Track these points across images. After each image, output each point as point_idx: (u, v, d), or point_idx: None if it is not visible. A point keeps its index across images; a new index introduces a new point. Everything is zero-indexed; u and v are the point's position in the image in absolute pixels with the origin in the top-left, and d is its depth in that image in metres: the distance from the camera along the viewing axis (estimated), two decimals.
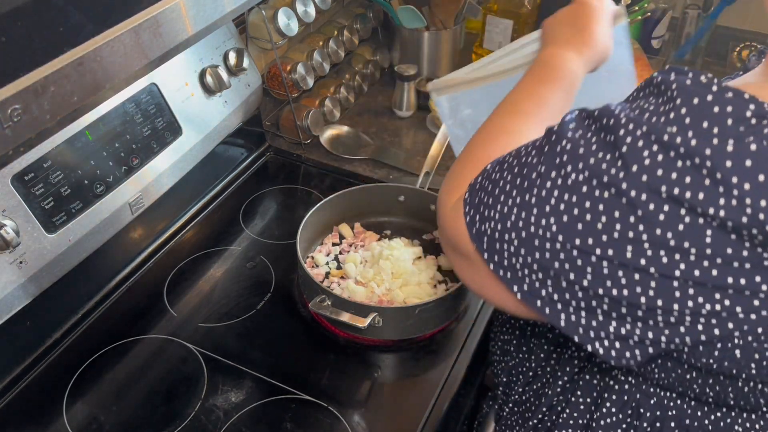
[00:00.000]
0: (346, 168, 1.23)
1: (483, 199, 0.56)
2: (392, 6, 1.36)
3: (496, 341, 0.83)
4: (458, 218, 0.59)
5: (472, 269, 0.60)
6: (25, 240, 0.80)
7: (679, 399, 0.63)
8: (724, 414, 0.62)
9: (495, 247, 0.55)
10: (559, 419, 0.72)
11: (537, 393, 0.76)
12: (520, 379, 0.78)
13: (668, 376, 0.60)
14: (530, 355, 0.77)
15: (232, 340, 0.91)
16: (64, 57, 0.48)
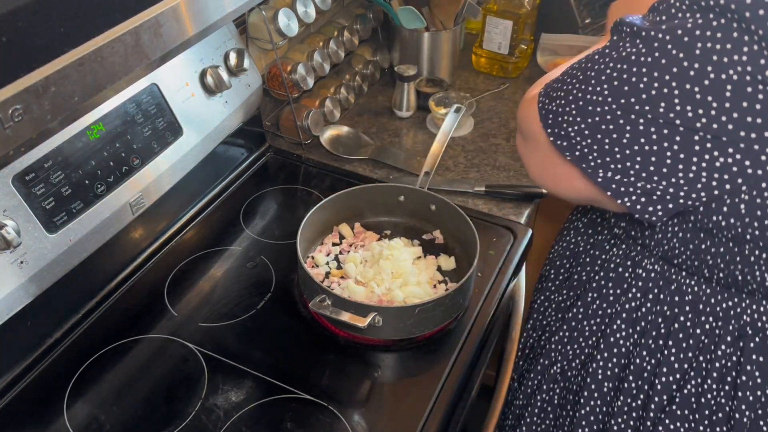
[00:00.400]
0: (346, 168, 1.24)
1: (554, 86, 0.68)
2: (392, 6, 1.37)
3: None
4: (532, 105, 0.70)
5: (536, 149, 0.71)
6: (26, 240, 0.80)
7: (695, 283, 0.72)
8: (735, 301, 0.70)
9: (557, 120, 0.66)
10: (589, 310, 0.83)
11: (571, 284, 0.89)
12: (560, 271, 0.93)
13: (686, 248, 0.69)
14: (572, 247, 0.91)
15: (233, 340, 0.91)
16: (64, 57, 0.48)
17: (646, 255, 0.76)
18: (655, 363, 0.77)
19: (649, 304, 0.76)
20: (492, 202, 1.16)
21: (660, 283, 0.75)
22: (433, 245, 1.05)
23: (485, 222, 1.09)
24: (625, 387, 0.79)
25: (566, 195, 0.72)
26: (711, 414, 0.74)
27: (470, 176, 1.22)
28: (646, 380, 0.77)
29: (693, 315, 0.73)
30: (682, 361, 0.75)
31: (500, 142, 1.31)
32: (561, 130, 0.65)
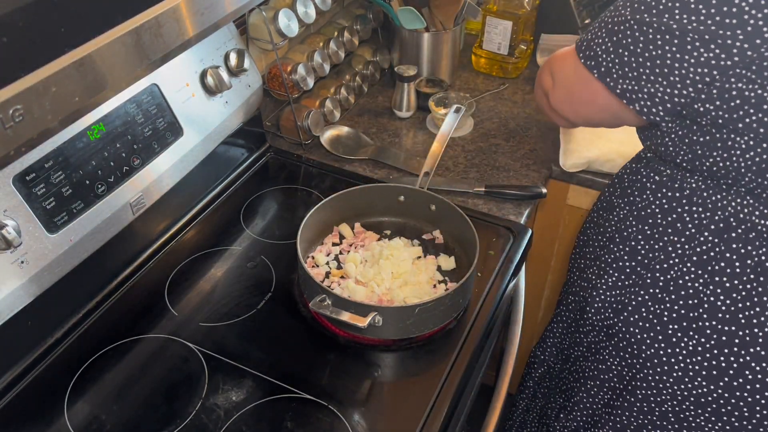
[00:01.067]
0: (346, 168, 1.24)
1: (593, 25, 0.81)
2: (392, 7, 1.37)
3: None
4: (570, 52, 0.84)
5: (568, 87, 0.85)
6: (27, 240, 0.81)
7: (693, 180, 0.83)
8: (722, 195, 0.80)
9: (590, 45, 0.80)
10: (612, 214, 0.96)
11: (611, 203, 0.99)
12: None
13: (683, 143, 0.81)
14: None
15: (233, 340, 0.91)
16: (65, 57, 0.48)
17: (661, 163, 0.88)
18: (655, 250, 0.88)
19: (658, 201, 0.88)
20: (492, 202, 1.16)
21: (668, 183, 0.87)
22: (433, 245, 1.05)
23: (485, 222, 1.10)
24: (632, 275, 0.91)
25: (594, 117, 0.86)
26: (688, 297, 0.84)
27: (470, 176, 1.22)
28: (647, 266, 0.89)
29: (687, 206, 0.84)
30: (668, 246, 0.86)
31: (500, 142, 1.31)
32: (591, 52, 0.80)
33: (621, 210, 0.94)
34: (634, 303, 0.89)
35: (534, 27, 1.54)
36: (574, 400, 1.03)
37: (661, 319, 0.87)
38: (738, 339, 0.81)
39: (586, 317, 0.98)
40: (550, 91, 0.89)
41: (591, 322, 0.97)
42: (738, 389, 0.82)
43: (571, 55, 0.84)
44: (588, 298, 0.96)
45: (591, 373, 0.99)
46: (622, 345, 0.92)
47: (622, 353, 0.92)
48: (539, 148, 1.29)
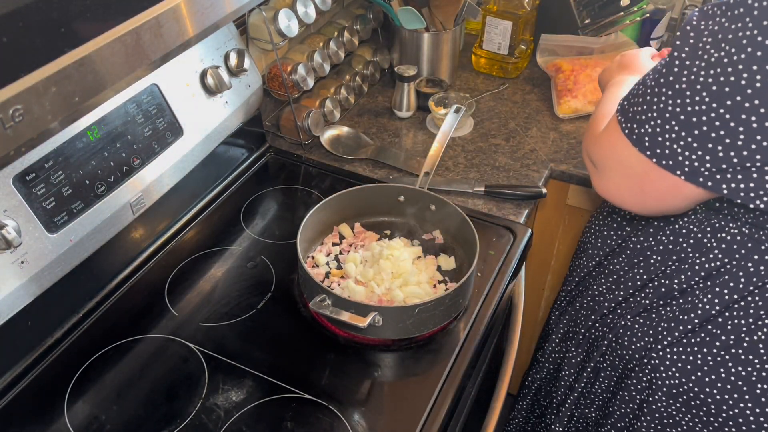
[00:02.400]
0: (346, 168, 1.24)
1: (636, 110, 0.70)
2: (392, 7, 1.37)
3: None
4: (610, 137, 0.73)
5: (628, 176, 0.73)
6: (27, 240, 0.81)
7: None
8: None
9: (657, 141, 0.68)
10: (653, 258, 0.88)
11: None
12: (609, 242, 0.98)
13: None
14: None
15: (233, 340, 0.91)
16: (65, 57, 0.48)
17: (729, 221, 0.78)
18: (734, 310, 0.79)
19: (731, 261, 0.78)
20: (492, 202, 1.16)
21: (748, 245, 0.77)
22: (433, 245, 1.05)
23: (485, 222, 1.10)
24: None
25: (675, 206, 0.74)
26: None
27: (470, 176, 1.22)
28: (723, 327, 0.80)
29: None
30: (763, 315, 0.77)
31: (500, 143, 1.31)
32: (664, 149, 0.67)
33: (675, 264, 0.85)
34: (711, 365, 0.81)
35: (534, 27, 1.54)
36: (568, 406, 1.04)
37: (740, 389, 0.79)
38: None
39: (616, 354, 0.92)
40: (594, 176, 0.79)
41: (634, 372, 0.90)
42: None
43: (624, 141, 0.71)
44: (627, 344, 0.89)
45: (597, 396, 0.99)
46: (692, 404, 0.85)
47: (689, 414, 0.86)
48: (539, 148, 1.29)
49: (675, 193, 0.71)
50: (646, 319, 0.88)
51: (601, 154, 0.76)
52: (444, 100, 1.35)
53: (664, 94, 0.67)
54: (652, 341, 0.86)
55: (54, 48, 0.48)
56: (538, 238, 1.29)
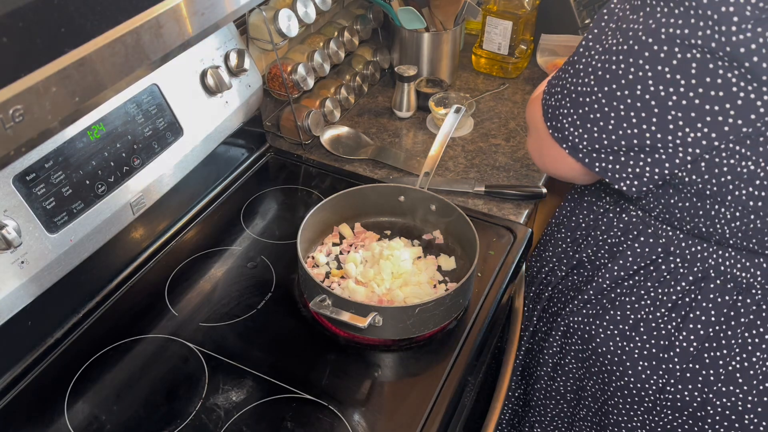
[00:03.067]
0: (346, 168, 1.24)
1: (553, 82, 0.75)
2: (392, 7, 1.37)
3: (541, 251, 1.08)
4: (536, 103, 0.78)
5: (537, 138, 0.79)
6: (27, 240, 0.81)
7: (670, 229, 0.80)
8: (703, 246, 0.78)
9: (555, 114, 0.74)
10: (580, 244, 0.94)
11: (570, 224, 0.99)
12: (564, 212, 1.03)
13: (658, 202, 0.77)
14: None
15: (233, 340, 0.91)
16: (65, 57, 0.48)
17: (631, 205, 0.86)
18: (624, 288, 0.87)
19: (625, 240, 0.86)
20: (492, 202, 1.16)
21: (639, 227, 0.84)
22: (433, 245, 1.05)
23: (485, 222, 1.10)
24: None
25: (565, 174, 0.80)
26: (663, 339, 0.84)
27: (470, 176, 1.22)
28: (614, 301, 0.88)
29: (664, 255, 0.82)
30: (640, 290, 0.85)
31: (500, 143, 1.31)
32: (557, 123, 0.74)
33: (585, 239, 0.93)
34: (603, 336, 0.89)
35: (534, 27, 1.54)
36: (545, 413, 1.07)
37: (631, 355, 0.87)
38: (702, 377, 0.82)
39: (557, 328, 0.99)
40: (528, 142, 0.86)
41: (561, 334, 0.98)
42: (701, 420, 0.84)
43: (539, 107, 0.78)
44: (559, 316, 0.97)
45: (559, 390, 1.02)
46: (596, 368, 0.93)
47: (596, 377, 0.94)
48: None
49: (562, 162, 0.76)
50: (565, 286, 0.96)
51: (528, 115, 0.82)
52: (444, 100, 1.35)
53: (568, 72, 0.72)
54: (562, 307, 0.96)
55: (54, 48, 0.48)
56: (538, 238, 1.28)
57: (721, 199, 0.70)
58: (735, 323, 0.79)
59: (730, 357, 0.81)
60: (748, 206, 0.69)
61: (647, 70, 0.63)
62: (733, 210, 0.70)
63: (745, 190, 0.67)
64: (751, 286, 0.78)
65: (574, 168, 0.76)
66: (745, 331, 0.79)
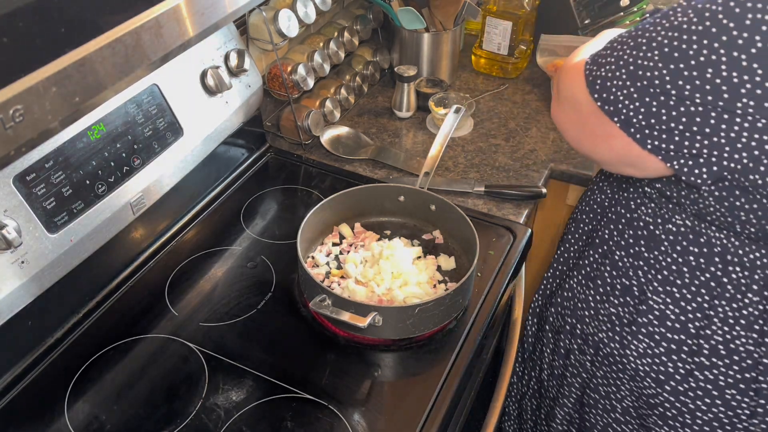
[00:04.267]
0: (346, 168, 1.24)
1: (603, 53, 0.72)
2: (392, 7, 1.37)
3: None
4: (577, 73, 0.74)
5: (575, 112, 0.76)
6: (27, 240, 0.81)
7: (724, 237, 0.76)
8: (762, 252, 0.74)
9: (605, 86, 0.70)
10: (621, 269, 0.88)
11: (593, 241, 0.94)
12: (584, 228, 0.98)
13: (720, 205, 0.72)
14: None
15: (233, 340, 0.91)
16: (65, 58, 0.48)
17: (677, 212, 0.80)
18: (688, 312, 0.81)
19: (677, 255, 0.80)
20: (492, 202, 1.16)
21: (690, 237, 0.79)
22: (433, 245, 1.05)
23: (485, 222, 1.10)
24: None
25: (603, 156, 0.76)
26: (740, 360, 0.79)
27: (470, 176, 1.22)
28: (686, 331, 0.82)
29: (722, 266, 0.77)
30: (707, 310, 0.79)
31: (500, 143, 1.31)
32: (609, 95, 0.70)
33: (629, 261, 0.86)
34: (683, 370, 0.83)
35: (534, 27, 1.54)
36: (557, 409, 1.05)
37: (717, 384, 0.81)
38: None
39: (596, 358, 0.93)
40: (553, 101, 0.81)
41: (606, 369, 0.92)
42: None
43: (581, 79, 0.74)
44: (607, 350, 0.91)
45: (570, 388, 1.00)
46: (671, 411, 0.87)
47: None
48: (539, 148, 1.29)
49: (606, 141, 0.73)
50: (611, 321, 0.89)
51: (564, 84, 0.78)
52: (444, 100, 1.35)
53: (627, 44, 0.69)
54: (619, 347, 0.88)
55: (54, 48, 0.48)
56: (538, 238, 1.28)
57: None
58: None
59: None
60: None
61: (722, 54, 0.60)
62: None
63: None
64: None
65: (615, 147, 0.72)
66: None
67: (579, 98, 0.74)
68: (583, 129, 0.76)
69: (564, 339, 0.98)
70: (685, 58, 0.63)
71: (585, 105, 0.73)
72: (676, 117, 0.65)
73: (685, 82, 0.63)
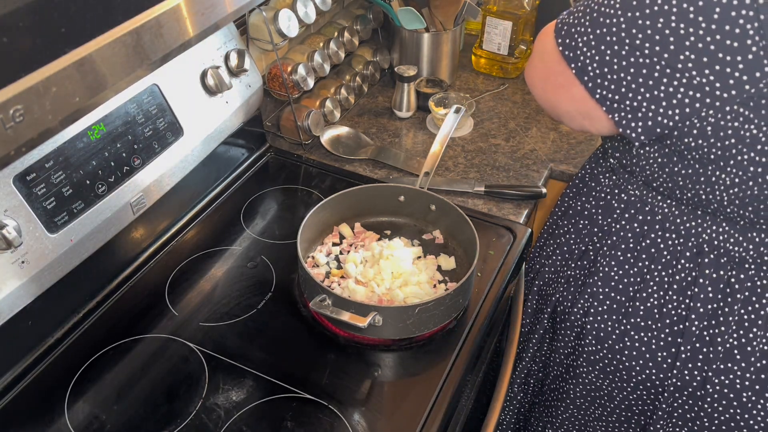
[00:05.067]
0: (346, 168, 1.24)
1: (575, 6, 0.73)
2: (392, 7, 1.37)
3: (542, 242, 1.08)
4: (550, 26, 0.76)
5: (542, 62, 0.77)
6: (27, 240, 0.81)
7: (666, 205, 0.81)
8: (698, 221, 0.79)
9: (569, 32, 0.71)
10: (579, 234, 0.94)
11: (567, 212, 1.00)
12: (564, 201, 1.02)
13: (662, 171, 0.77)
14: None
15: (233, 340, 0.91)
16: (65, 57, 0.48)
17: (631, 182, 0.85)
18: (630, 276, 0.87)
19: (624, 222, 0.86)
20: (492, 202, 1.16)
21: (638, 205, 0.84)
22: (433, 245, 1.05)
23: (485, 222, 1.10)
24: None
25: (564, 106, 0.77)
26: (672, 324, 0.84)
27: (470, 176, 1.22)
28: (627, 294, 0.88)
29: (661, 233, 0.83)
30: (645, 274, 0.85)
31: (500, 143, 1.31)
32: (571, 41, 0.71)
33: (586, 227, 0.93)
34: (618, 330, 0.89)
35: (534, 27, 1.54)
36: (556, 414, 1.05)
37: (649, 346, 0.87)
38: (702, 356, 0.83)
39: (563, 333, 0.98)
40: (529, 60, 0.82)
41: (568, 338, 0.98)
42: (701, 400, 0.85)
43: (552, 28, 0.76)
44: (569, 318, 0.96)
45: (573, 393, 1.01)
46: (611, 368, 0.93)
47: (613, 375, 0.94)
48: (539, 148, 1.29)
49: (566, 90, 0.74)
50: (567, 282, 0.95)
51: (539, 39, 0.79)
52: (444, 100, 1.35)
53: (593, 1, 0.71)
54: (570, 305, 0.95)
55: (54, 48, 0.48)
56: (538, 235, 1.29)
57: (723, 164, 0.70)
58: (732, 299, 0.80)
59: (728, 334, 0.81)
60: (748, 171, 0.69)
61: (673, 5, 0.62)
62: (733, 176, 0.71)
63: (747, 156, 0.68)
64: (744, 261, 0.79)
65: (575, 96, 0.74)
66: (742, 308, 0.80)
67: (547, 47, 0.76)
68: (548, 80, 0.77)
69: (531, 300, 1.04)
70: (642, 7, 0.64)
71: (550, 54, 0.75)
72: (625, 67, 0.67)
73: (638, 30, 0.65)
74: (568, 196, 1.02)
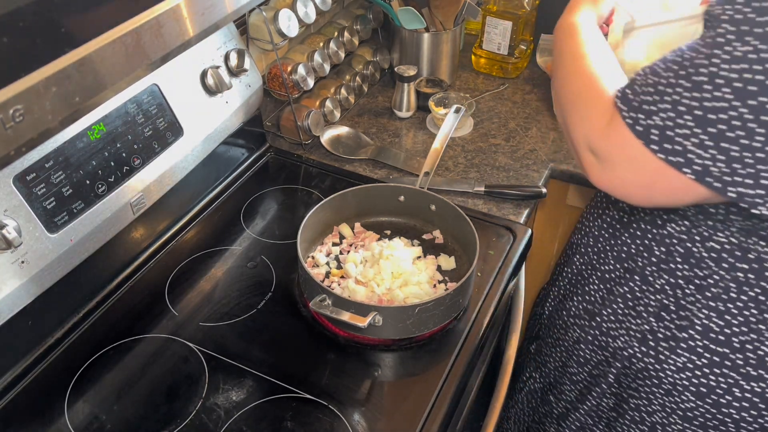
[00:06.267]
0: (346, 168, 1.24)
1: (648, 99, 0.65)
2: (392, 7, 1.37)
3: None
4: (617, 129, 0.67)
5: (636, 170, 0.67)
6: (27, 240, 0.81)
7: None
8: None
9: (666, 135, 0.63)
10: (653, 284, 0.85)
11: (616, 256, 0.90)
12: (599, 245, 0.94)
13: None
14: None
15: (233, 339, 0.91)
16: (65, 57, 0.48)
17: (719, 228, 0.76)
18: (730, 327, 0.79)
19: (723, 272, 0.77)
20: (492, 202, 1.16)
21: (737, 253, 0.75)
22: (433, 245, 1.05)
23: (485, 222, 1.10)
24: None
25: (684, 202, 0.70)
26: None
27: (470, 176, 1.22)
28: (730, 344, 0.80)
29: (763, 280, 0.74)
30: (756, 324, 0.77)
31: (500, 143, 1.31)
32: (674, 145, 0.63)
33: (663, 278, 0.84)
34: (715, 384, 0.82)
35: (534, 27, 1.54)
36: (568, 413, 1.04)
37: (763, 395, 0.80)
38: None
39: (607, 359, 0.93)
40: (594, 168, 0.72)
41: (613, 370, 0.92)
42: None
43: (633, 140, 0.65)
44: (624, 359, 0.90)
45: (584, 390, 0.99)
46: (713, 421, 0.86)
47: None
48: (539, 148, 1.29)
49: (686, 191, 0.66)
50: (644, 336, 0.87)
51: (608, 147, 0.69)
52: (444, 100, 1.35)
53: (679, 86, 0.62)
54: (655, 362, 0.86)
55: (54, 48, 0.48)
56: (538, 238, 1.28)
57: None
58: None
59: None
60: None
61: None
62: None
63: None
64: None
65: (699, 194, 0.66)
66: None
67: (636, 157, 0.66)
68: (653, 186, 0.68)
69: (584, 348, 0.97)
70: (766, 90, 0.57)
71: (646, 162, 0.66)
72: (764, 159, 0.60)
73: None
74: (603, 237, 0.93)
